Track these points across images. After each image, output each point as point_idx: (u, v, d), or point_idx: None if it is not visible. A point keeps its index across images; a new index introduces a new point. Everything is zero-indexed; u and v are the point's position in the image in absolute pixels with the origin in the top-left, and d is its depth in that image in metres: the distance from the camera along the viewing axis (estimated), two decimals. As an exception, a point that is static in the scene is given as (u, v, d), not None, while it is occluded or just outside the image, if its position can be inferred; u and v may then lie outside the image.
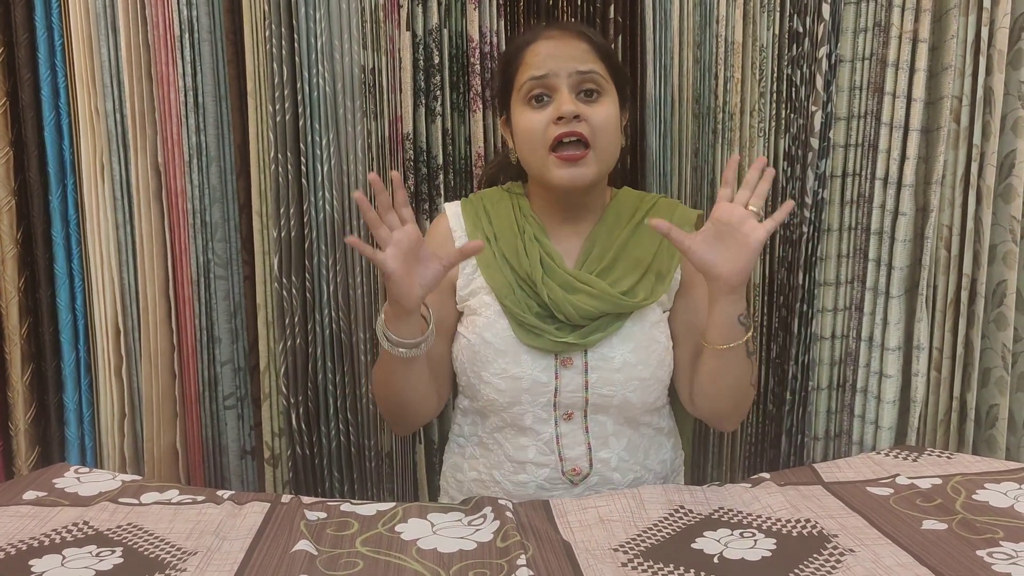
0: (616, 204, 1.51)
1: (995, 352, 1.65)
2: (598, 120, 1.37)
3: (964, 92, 1.60)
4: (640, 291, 1.44)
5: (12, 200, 1.65)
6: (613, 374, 1.42)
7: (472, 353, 1.44)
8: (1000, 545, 1.16)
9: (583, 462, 1.44)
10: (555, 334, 1.41)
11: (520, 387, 1.42)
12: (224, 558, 1.16)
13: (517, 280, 1.45)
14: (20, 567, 1.12)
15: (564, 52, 1.38)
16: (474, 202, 1.52)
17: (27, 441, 1.70)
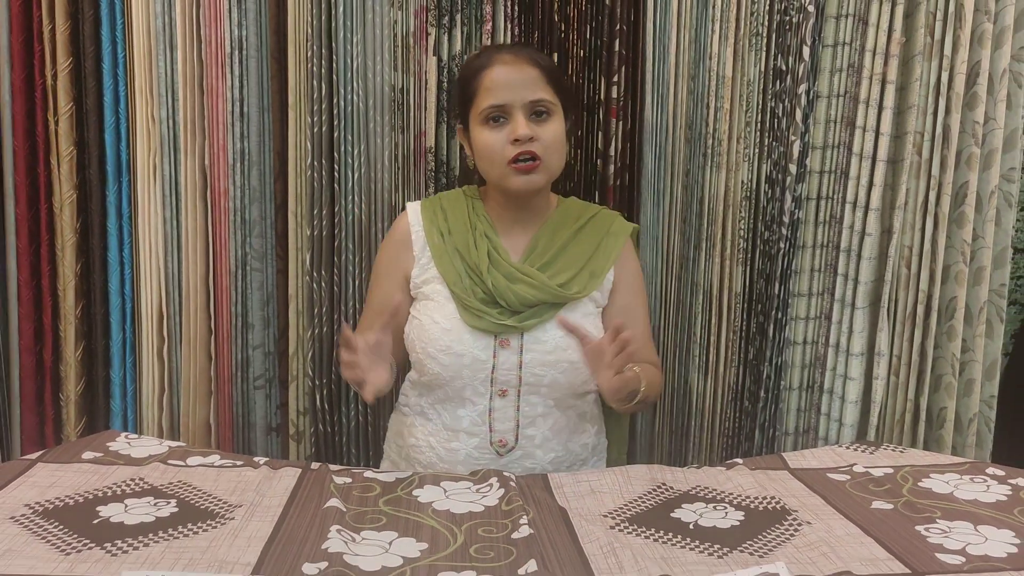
0: (562, 209, 1.70)
1: (946, 360, 1.81)
2: (547, 138, 1.57)
3: (926, 128, 1.76)
4: (575, 285, 1.63)
5: (74, 194, 1.81)
6: (545, 356, 1.59)
7: (422, 332, 1.61)
8: (936, 522, 1.33)
9: (510, 436, 1.61)
10: (496, 317, 1.59)
11: (462, 363, 1.59)
12: (265, 511, 1.33)
13: (466, 269, 1.63)
14: (89, 512, 1.28)
15: (518, 80, 1.57)
16: (433, 202, 1.71)
17: (76, 411, 1.87)
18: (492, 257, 1.63)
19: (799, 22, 1.77)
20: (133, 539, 1.20)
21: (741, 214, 1.87)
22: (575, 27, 1.83)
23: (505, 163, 1.56)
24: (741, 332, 1.91)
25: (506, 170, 1.57)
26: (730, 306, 1.90)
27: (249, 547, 1.19)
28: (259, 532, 1.25)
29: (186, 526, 1.25)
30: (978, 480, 1.48)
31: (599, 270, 1.66)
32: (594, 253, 1.66)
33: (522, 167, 1.56)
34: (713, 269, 1.90)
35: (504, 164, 1.57)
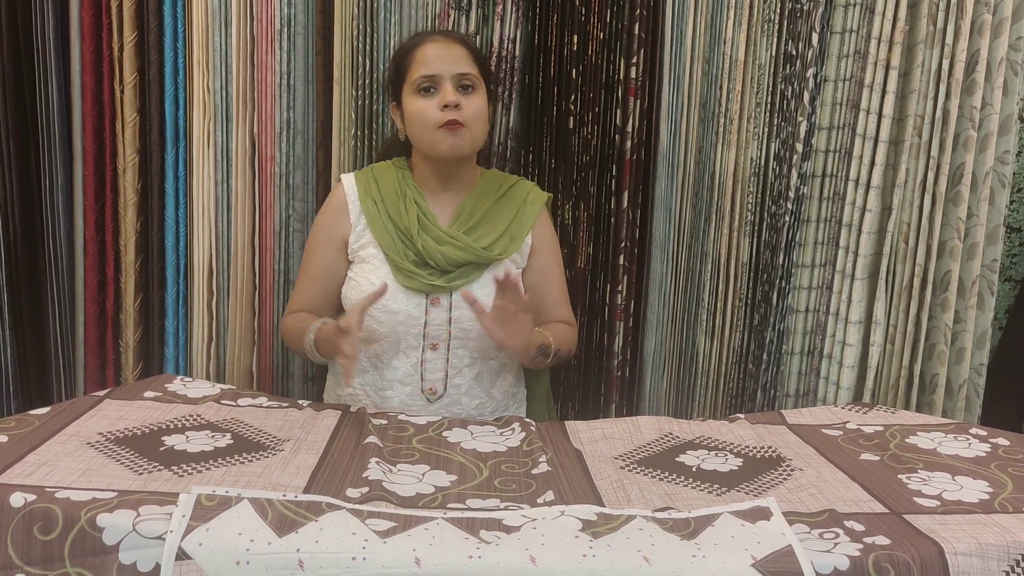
0: (485, 179, 1.83)
1: (939, 330, 1.91)
2: (473, 108, 1.71)
3: (926, 112, 1.86)
4: (497, 247, 1.76)
5: (136, 157, 1.92)
6: (471, 312, 1.68)
7: (359, 292, 1.73)
8: (917, 472, 1.44)
9: (440, 385, 1.75)
10: (427, 278, 1.72)
11: (396, 320, 1.72)
12: (311, 445, 1.46)
13: (398, 234, 1.75)
14: (155, 441, 1.41)
15: (448, 55, 1.71)
16: (366, 174, 1.83)
17: (134, 356, 1.99)
18: (422, 222, 1.76)
19: (809, 10, 1.88)
20: (196, 464, 1.33)
21: (749, 189, 1.98)
22: (596, 11, 1.92)
23: (436, 127, 1.69)
24: (747, 299, 2.02)
25: (436, 134, 1.70)
26: (737, 274, 2.01)
27: (298, 474, 1.32)
28: (306, 462, 1.38)
29: (241, 455, 1.38)
30: (961, 438, 1.59)
31: (518, 234, 1.79)
32: (514, 218, 1.80)
33: (449, 127, 1.68)
34: (722, 240, 2.01)
35: (435, 128, 1.69)
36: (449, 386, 1.75)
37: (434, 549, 1.11)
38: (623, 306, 2.02)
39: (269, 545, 1.10)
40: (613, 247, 2.02)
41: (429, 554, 1.10)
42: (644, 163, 1.99)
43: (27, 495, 1.16)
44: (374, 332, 1.73)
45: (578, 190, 2.00)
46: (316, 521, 1.14)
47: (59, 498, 1.16)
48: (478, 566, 1.09)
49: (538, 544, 1.13)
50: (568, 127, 1.97)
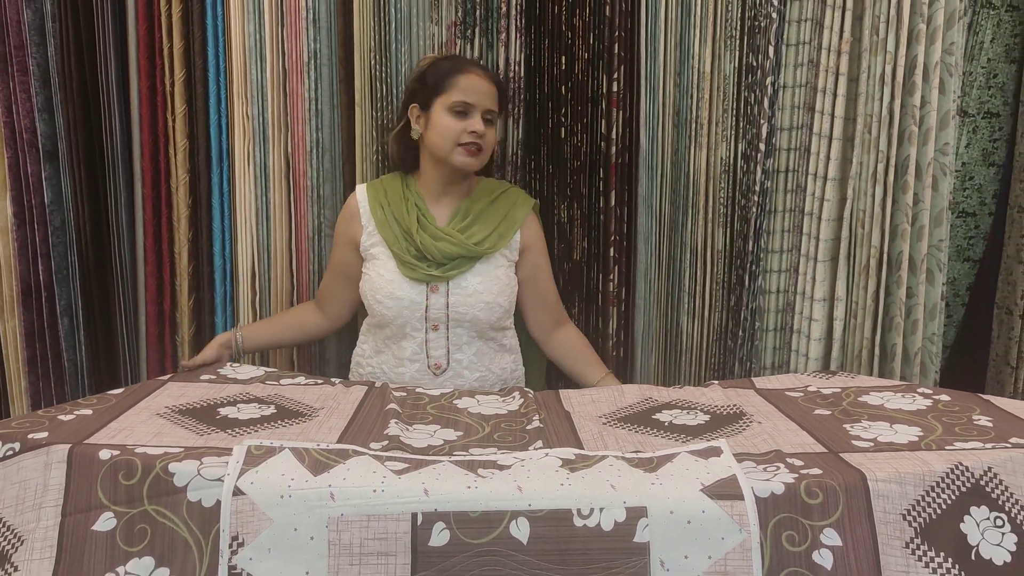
0: (480, 187, 2.08)
1: (895, 305, 2.05)
2: (489, 139, 1.98)
3: (874, 112, 2.01)
4: (487, 243, 2.00)
5: (187, 177, 2.14)
6: (466, 298, 1.98)
7: (371, 284, 2.00)
8: (860, 422, 1.60)
9: (443, 360, 2.00)
10: (426, 269, 1.97)
11: (402, 305, 1.97)
12: (341, 412, 1.68)
13: (401, 232, 2.01)
14: (211, 412, 1.64)
15: (484, 90, 1.96)
16: (375, 184, 2.08)
17: (189, 349, 2.21)
18: (421, 222, 2.01)
19: (766, 26, 2.04)
20: (246, 428, 1.56)
21: (721, 185, 2.14)
22: (580, 34, 2.12)
23: (457, 144, 1.94)
24: (723, 283, 2.18)
25: (456, 149, 1.95)
26: (713, 261, 2.17)
27: (330, 433, 1.54)
28: (337, 424, 1.60)
29: (283, 421, 1.61)
30: (908, 396, 1.73)
31: (507, 232, 2.03)
32: (503, 219, 2.04)
33: (469, 150, 1.95)
34: (698, 231, 2.17)
35: (456, 144, 1.95)
36: (451, 361, 1.99)
37: (439, 482, 1.32)
38: (615, 293, 2.21)
39: (306, 482, 1.32)
40: (604, 241, 2.20)
41: (435, 486, 1.32)
42: (628, 166, 2.17)
43: (112, 451, 1.40)
44: (383, 317, 1.99)
45: (571, 191, 2.19)
46: (344, 464, 1.36)
47: (137, 452, 1.39)
48: (474, 494, 1.31)
49: (524, 477, 1.34)
50: (560, 136, 2.17)
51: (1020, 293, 2.15)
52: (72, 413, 1.59)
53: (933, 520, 1.35)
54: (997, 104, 2.22)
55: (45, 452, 1.42)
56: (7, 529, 1.40)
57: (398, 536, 1.29)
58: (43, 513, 1.38)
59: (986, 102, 2.21)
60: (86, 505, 1.37)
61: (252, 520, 1.31)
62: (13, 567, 1.36)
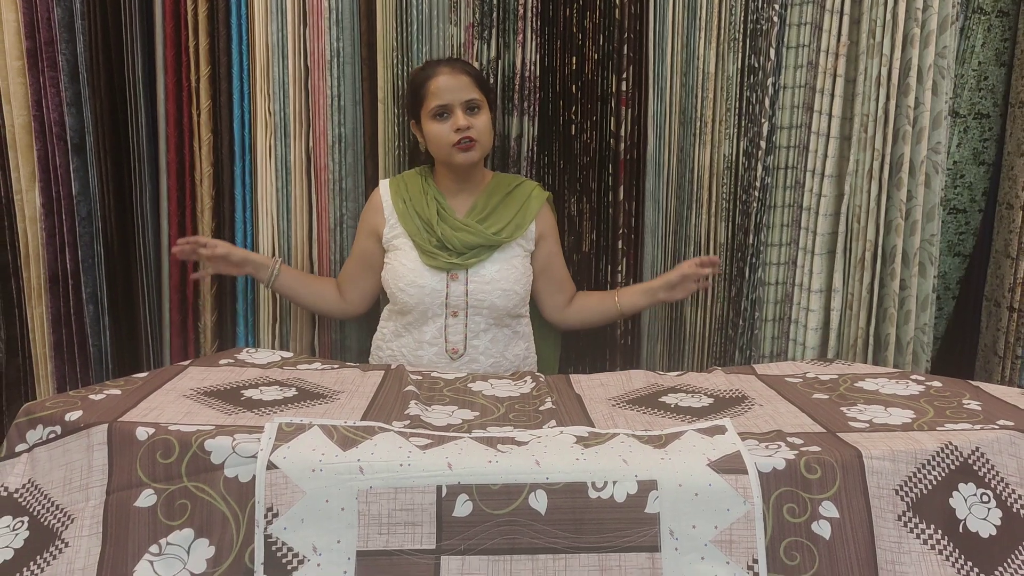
0: (495, 180, 2.15)
1: (889, 296, 2.13)
2: (479, 125, 2.03)
3: (870, 111, 2.08)
4: (504, 232, 2.08)
5: (210, 170, 2.21)
6: (484, 285, 2.06)
7: (394, 272, 2.08)
8: (857, 406, 1.67)
9: (460, 345, 2.08)
10: (447, 258, 2.05)
11: (423, 293, 2.05)
12: (361, 394, 1.75)
13: (422, 224, 2.09)
14: (235, 394, 1.70)
15: (456, 85, 2.02)
16: (397, 180, 2.16)
17: (211, 335, 2.27)
18: (440, 214, 2.09)
19: (767, 29, 2.12)
20: (271, 408, 1.62)
21: (723, 181, 2.22)
22: (591, 36, 2.19)
23: (450, 146, 2.02)
24: (725, 274, 2.26)
25: (451, 151, 2.02)
26: (715, 253, 2.25)
27: (353, 413, 1.61)
28: (359, 405, 1.67)
29: (306, 402, 1.67)
30: (901, 382, 1.80)
31: (522, 222, 2.11)
32: (519, 211, 2.12)
33: (462, 147, 2.01)
34: (702, 224, 2.25)
35: (450, 146, 2.02)
36: (468, 347, 2.07)
37: (462, 457, 1.40)
38: (623, 284, 2.28)
39: (336, 457, 1.39)
40: (612, 233, 2.27)
41: (458, 460, 1.39)
42: (635, 162, 2.25)
43: (148, 429, 1.47)
44: (405, 304, 2.06)
45: (581, 186, 2.27)
46: (371, 439, 1.44)
47: (172, 430, 1.46)
48: (495, 468, 1.38)
49: (542, 452, 1.42)
50: (571, 133, 2.24)
51: (1008, 286, 2.22)
52: (102, 393, 1.65)
53: (924, 495, 1.42)
54: (987, 105, 2.29)
55: (86, 435, 1.49)
56: (56, 508, 1.47)
57: (424, 507, 1.36)
58: (90, 493, 1.46)
59: (977, 103, 2.29)
60: (127, 483, 1.44)
61: (286, 492, 1.38)
62: (64, 543, 1.43)
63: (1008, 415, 1.59)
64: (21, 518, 1.48)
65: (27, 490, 1.51)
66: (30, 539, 1.45)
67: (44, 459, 1.52)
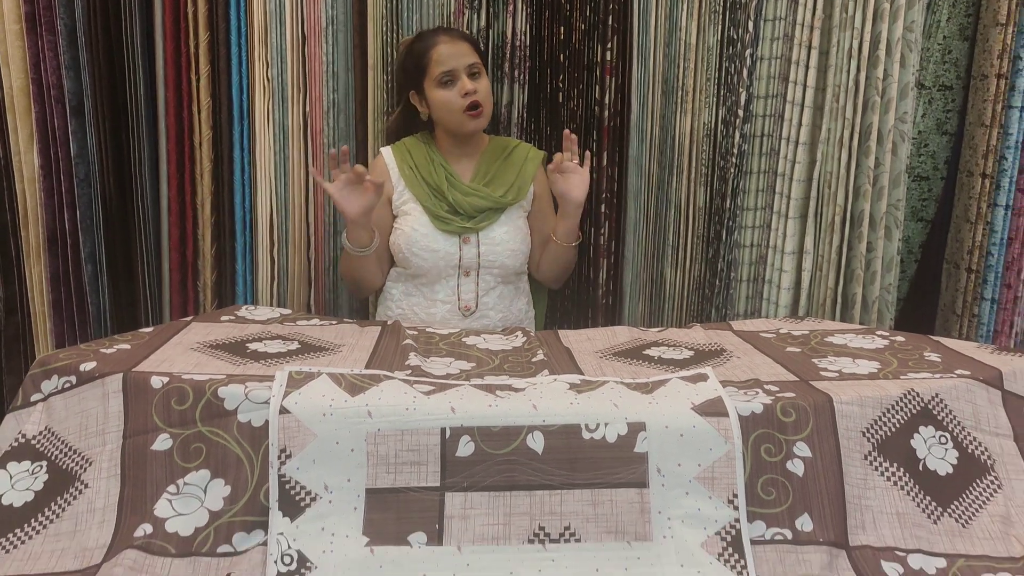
0: (492, 145, 2.23)
1: (856, 258, 2.24)
2: (483, 89, 2.10)
3: (841, 82, 2.17)
4: (509, 195, 2.16)
5: (210, 134, 2.24)
6: (494, 247, 2.15)
7: (406, 238, 2.14)
8: (828, 358, 1.77)
9: (472, 303, 2.16)
10: (458, 222, 2.13)
11: (437, 256, 2.13)
12: (362, 348, 1.81)
13: (431, 191, 2.15)
14: (241, 347, 1.76)
15: (458, 51, 2.08)
16: (400, 147, 2.22)
17: (211, 295, 2.32)
18: (449, 180, 2.15)
19: (746, 2, 2.20)
20: (277, 360, 1.68)
21: (703, 147, 2.31)
22: (578, 6, 2.26)
23: (461, 111, 2.08)
24: (703, 237, 2.35)
25: (463, 117, 2.09)
26: (695, 217, 2.34)
27: (356, 365, 1.68)
28: (360, 357, 1.74)
29: (309, 355, 1.74)
30: (868, 337, 1.90)
31: (524, 184, 2.19)
32: (519, 173, 2.19)
33: (473, 113, 2.08)
34: (682, 189, 2.34)
35: (460, 112, 2.08)
36: (479, 304, 2.16)
37: (464, 401, 1.48)
38: (605, 246, 2.37)
39: (345, 402, 1.47)
40: (596, 197, 2.35)
41: (460, 405, 1.48)
42: (619, 129, 2.32)
43: (162, 378, 1.53)
44: (419, 267, 2.13)
45: (567, 152, 2.35)
46: (377, 386, 1.52)
47: (186, 379, 1.53)
48: (495, 411, 1.47)
49: (538, 397, 1.51)
50: (559, 101, 2.31)
51: (966, 249, 2.34)
52: (112, 347, 1.70)
53: (888, 437, 1.54)
54: (951, 78, 2.40)
55: (101, 384, 1.55)
56: (74, 452, 1.53)
57: (429, 448, 1.45)
58: (107, 438, 1.52)
59: (941, 76, 2.39)
60: (143, 428, 1.51)
61: (298, 435, 1.45)
62: (84, 484, 1.50)
63: (965, 366, 1.70)
64: (40, 462, 1.54)
65: (44, 436, 1.57)
66: (50, 481, 1.52)
67: (60, 407, 1.58)
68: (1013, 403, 1.65)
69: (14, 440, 1.57)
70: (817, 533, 1.46)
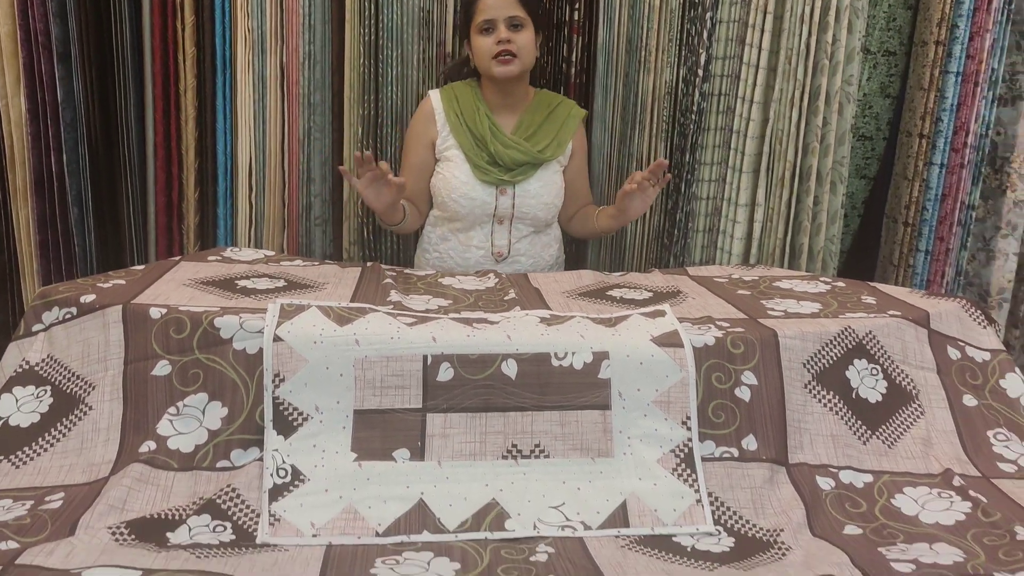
0: (537, 98, 2.31)
1: (804, 211, 2.38)
2: (520, 41, 2.17)
3: (794, 46, 2.29)
4: (548, 150, 2.26)
5: (194, 82, 2.31)
6: (528, 199, 2.25)
7: (446, 183, 2.24)
8: (774, 300, 1.91)
9: (505, 249, 2.27)
10: (497, 173, 2.22)
11: (474, 204, 2.23)
12: (345, 286, 1.91)
13: (474, 139, 2.24)
14: (231, 284, 1.85)
15: (501, 3, 2.16)
16: (448, 91, 2.30)
17: (194, 236, 2.40)
18: (492, 131, 2.23)
19: None
20: (266, 295, 1.78)
21: (664, 105, 2.42)
22: None
23: (491, 57, 2.16)
24: (662, 189, 2.45)
25: (491, 63, 2.17)
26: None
27: (341, 300, 1.79)
28: (345, 293, 1.84)
29: (295, 290, 1.83)
30: (812, 283, 2.05)
31: (563, 141, 2.28)
32: (560, 129, 2.28)
33: (502, 60, 2.16)
34: (644, 144, 2.45)
35: (490, 58, 2.17)
36: (512, 250, 2.27)
37: (443, 332, 1.61)
38: (569, 196, 2.49)
39: (334, 332, 1.58)
40: (561, 151, 2.46)
41: (440, 334, 1.60)
42: (585, 86, 2.44)
43: (160, 309, 1.63)
44: (456, 212, 2.24)
45: (535, 107, 2.45)
46: (364, 318, 1.63)
47: (182, 310, 1.63)
48: (473, 340, 1.59)
49: (512, 329, 1.64)
50: (528, 58, 2.42)
51: (904, 204, 2.51)
52: (108, 282, 1.79)
53: (826, 368, 1.70)
54: (895, 44, 2.55)
55: (102, 314, 1.65)
56: (77, 378, 1.63)
57: (412, 373, 1.57)
58: (109, 364, 1.62)
59: (885, 42, 2.54)
60: (143, 355, 1.61)
61: (290, 361, 1.57)
62: (88, 407, 1.60)
63: (897, 308, 1.86)
64: (44, 387, 1.63)
65: (47, 363, 1.66)
66: (54, 404, 1.61)
67: (61, 336, 1.67)
68: (938, 340, 1.82)
69: (18, 367, 1.66)
70: (761, 452, 1.62)
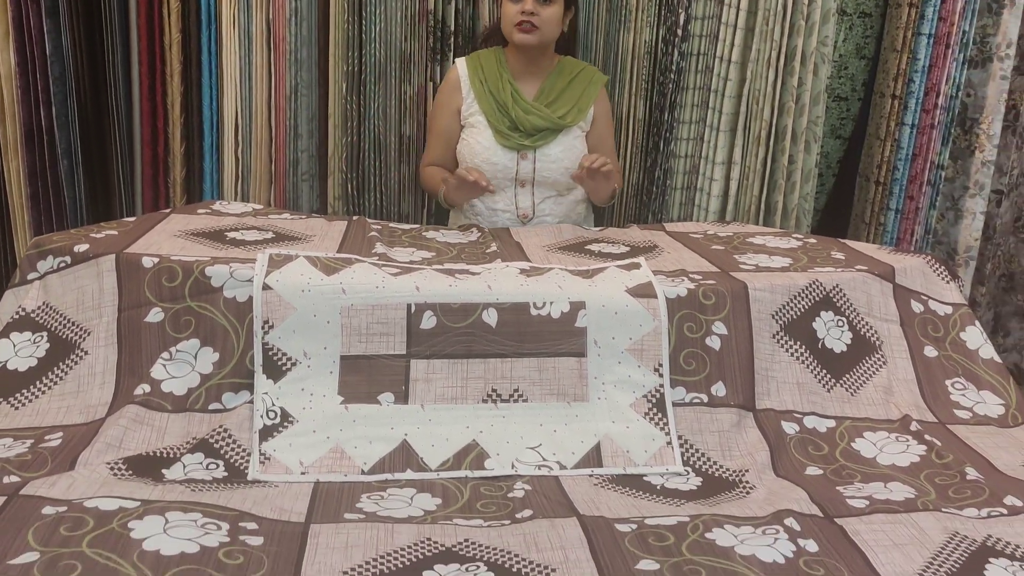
0: (560, 65, 2.34)
1: (779, 169, 2.44)
2: (545, 15, 2.21)
3: (771, 6, 2.34)
4: (568, 117, 2.29)
5: (179, 36, 2.32)
6: (549, 164, 2.28)
7: (469, 149, 2.30)
8: (747, 254, 1.98)
9: (529, 211, 2.31)
10: (518, 138, 2.27)
11: (496, 169, 2.27)
12: (332, 238, 1.96)
13: (497, 106, 2.28)
14: (221, 236, 1.89)
15: None
16: (474, 59, 2.34)
17: (180, 190, 2.43)
18: (514, 97, 2.29)
19: None
20: (255, 246, 1.83)
21: (644, 64, 2.47)
22: None
23: (513, 24, 2.21)
24: (642, 147, 2.53)
25: (512, 29, 2.22)
26: (634, 128, 2.52)
27: (328, 251, 1.84)
28: (331, 245, 1.89)
29: (284, 242, 1.88)
30: (784, 239, 2.12)
31: (584, 107, 2.32)
32: (581, 95, 2.32)
33: (522, 28, 2.20)
34: (623, 102, 2.51)
35: (512, 25, 2.21)
36: (536, 211, 2.32)
37: (427, 282, 1.67)
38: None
39: (322, 281, 1.64)
40: (543, 108, 2.51)
41: (424, 284, 1.66)
42: (567, 44, 2.43)
43: (153, 259, 1.68)
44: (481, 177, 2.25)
45: (518, 65, 2.49)
46: (350, 268, 1.69)
47: (174, 259, 1.68)
48: (455, 290, 1.66)
49: (492, 279, 1.70)
50: (510, 15, 2.45)
51: (876, 164, 2.58)
52: (101, 233, 1.83)
53: (794, 320, 1.77)
54: (870, 6, 2.60)
55: (96, 263, 1.70)
56: (72, 324, 1.68)
57: (396, 321, 1.64)
58: (103, 311, 1.67)
59: (861, 3, 2.59)
60: (137, 302, 1.66)
61: (279, 309, 1.62)
62: (84, 351, 1.65)
63: (864, 263, 1.94)
64: (40, 333, 1.68)
65: (42, 310, 1.71)
66: (51, 349, 1.66)
67: (56, 284, 1.72)
68: (902, 294, 1.90)
69: (14, 313, 1.71)
70: (729, 398, 1.70)
